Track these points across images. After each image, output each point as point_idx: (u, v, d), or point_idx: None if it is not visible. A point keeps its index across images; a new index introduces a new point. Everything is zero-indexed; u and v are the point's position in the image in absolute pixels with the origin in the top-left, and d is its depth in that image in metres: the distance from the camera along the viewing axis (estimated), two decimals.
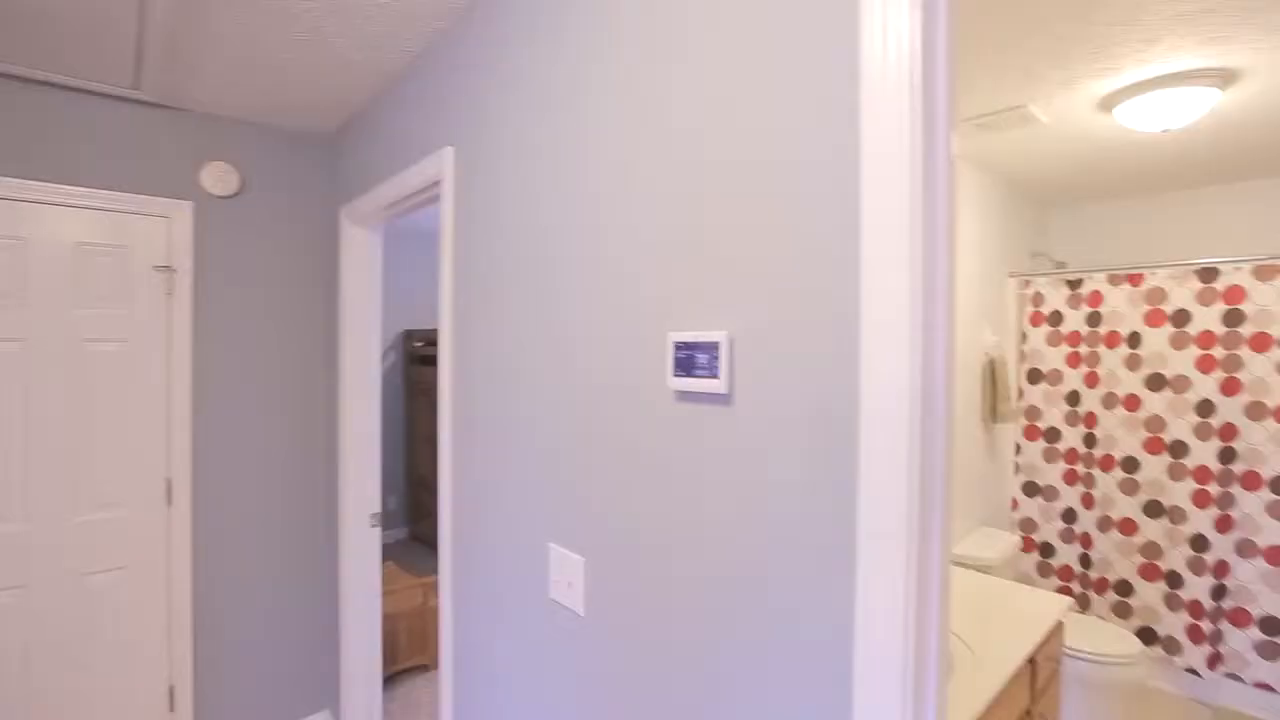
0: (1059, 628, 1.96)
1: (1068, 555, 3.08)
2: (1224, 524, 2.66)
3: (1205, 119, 2.30)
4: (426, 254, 5.15)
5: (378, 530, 2.28)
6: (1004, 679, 1.55)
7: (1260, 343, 2.59)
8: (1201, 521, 2.70)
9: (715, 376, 0.94)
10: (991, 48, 1.80)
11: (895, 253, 0.74)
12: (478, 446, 1.54)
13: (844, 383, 0.80)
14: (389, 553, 4.73)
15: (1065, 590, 3.08)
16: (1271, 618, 2.56)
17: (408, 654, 2.88)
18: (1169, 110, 2.05)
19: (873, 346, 0.76)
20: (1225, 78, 1.98)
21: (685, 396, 1.01)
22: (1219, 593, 2.67)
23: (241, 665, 2.24)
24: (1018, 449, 3.24)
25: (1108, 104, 2.16)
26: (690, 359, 0.98)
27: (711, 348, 0.95)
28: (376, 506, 2.28)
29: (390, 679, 2.86)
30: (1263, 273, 2.59)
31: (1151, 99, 2.03)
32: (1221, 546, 2.66)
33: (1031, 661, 1.76)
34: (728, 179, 0.95)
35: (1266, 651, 2.57)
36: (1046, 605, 1.94)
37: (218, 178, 2.11)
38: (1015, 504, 3.23)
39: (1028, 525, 3.20)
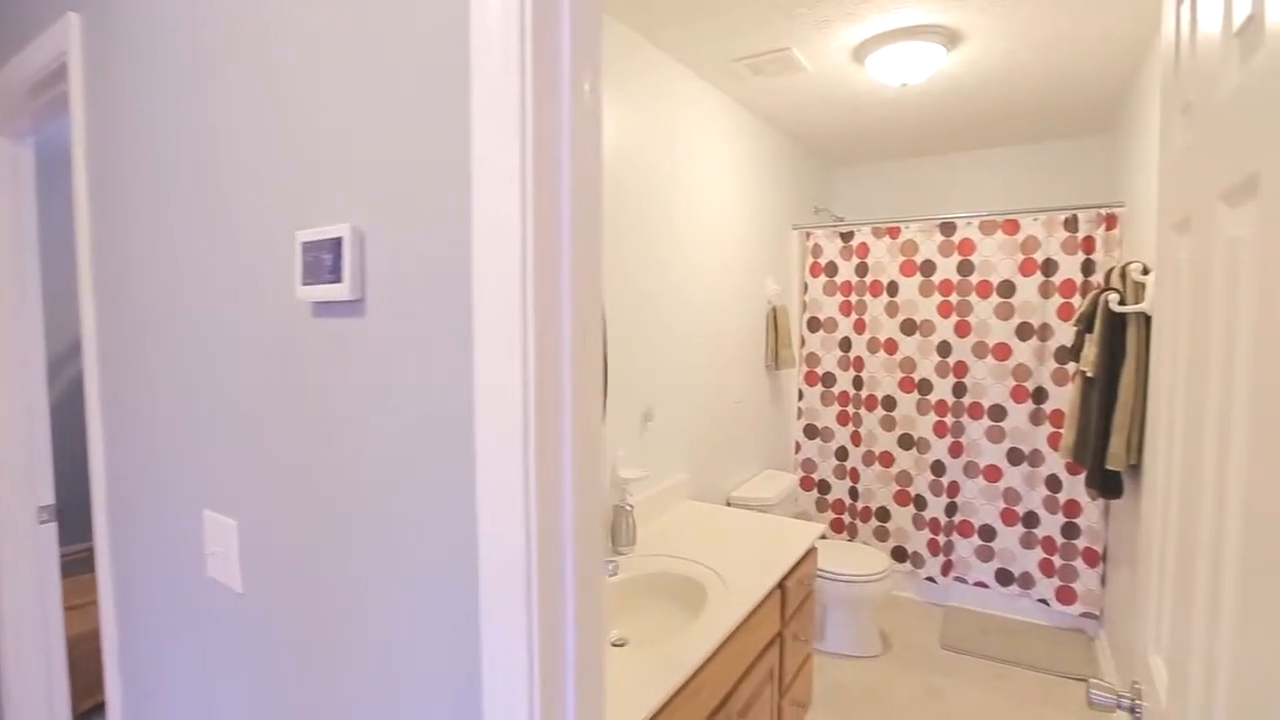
0: (812, 554, 2.07)
1: (840, 490, 3.35)
2: (956, 450, 3.02)
3: (940, 81, 2.50)
4: None
5: (51, 527, 1.82)
6: (751, 605, 1.58)
7: (984, 290, 2.94)
8: (940, 449, 3.05)
9: (339, 280, 0.76)
10: None
11: (504, 163, 0.61)
12: (130, 405, 1.22)
13: (459, 312, 0.67)
14: None
15: (838, 522, 3.36)
16: (988, 526, 2.97)
17: None
18: (905, 65, 2.17)
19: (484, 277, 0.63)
20: (950, 37, 2.14)
21: (321, 309, 0.82)
22: (951, 509, 3.04)
23: None
24: (800, 395, 3.44)
25: (860, 54, 2.25)
26: (318, 261, 0.79)
27: (334, 245, 0.76)
28: (48, 498, 1.82)
29: (97, 709, 2.34)
30: (986, 227, 2.93)
31: (890, 51, 2.14)
32: (954, 470, 3.03)
33: (782, 587, 1.83)
34: (358, 57, 0.76)
35: (983, 555, 2.99)
36: (801, 535, 2.04)
37: None
38: (798, 447, 3.45)
39: (808, 466, 3.43)
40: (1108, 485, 2.17)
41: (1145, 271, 2.05)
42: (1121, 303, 2.05)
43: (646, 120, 2.13)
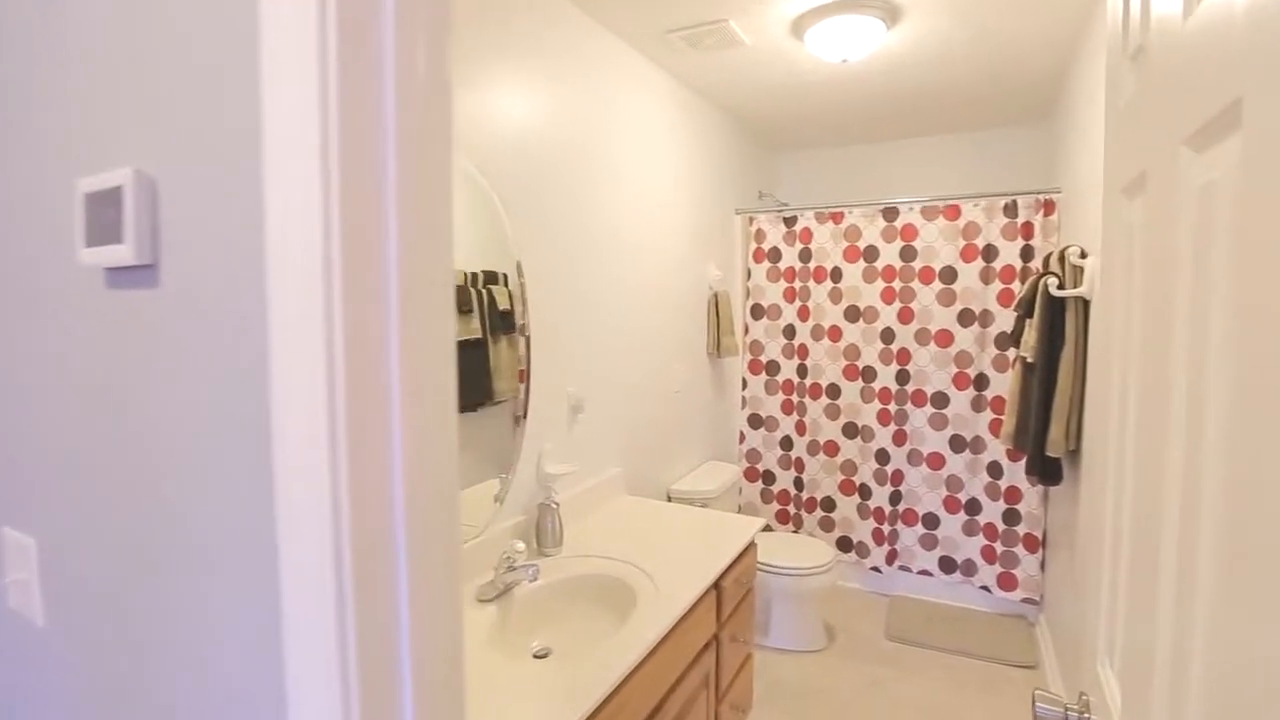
0: (751, 550, 1.97)
1: (785, 481, 3.28)
2: (900, 438, 2.99)
3: (880, 60, 2.43)
4: None
5: None
6: (682, 609, 1.46)
7: (926, 276, 2.90)
8: (884, 437, 3.02)
9: (120, 241, 0.59)
10: None
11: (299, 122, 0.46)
12: None
13: (256, 287, 0.51)
14: None
15: (783, 513, 3.30)
16: (931, 514, 2.95)
17: None
18: (845, 39, 2.08)
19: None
20: (890, 12, 2.06)
21: (114, 279, 0.65)
22: (896, 498, 3.01)
23: None
24: (744, 383, 3.36)
25: (799, 28, 2.15)
26: (103, 218, 0.62)
27: (115, 197, 0.60)
28: None
29: None
30: (928, 213, 2.89)
31: (830, 25, 2.05)
32: (898, 458, 2.99)
33: (718, 587, 1.73)
34: None
35: (927, 544, 2.97)
36: (740, 530, 1.94)
37: None
38: (742, 437, 3.37)
39: (753, 456, 3.35)
40: (1047, 471, 2.14)
41: (1083, 255, 2.02)
42: (1060, 287, 2.02)
43: (576, 94, 1.98)
